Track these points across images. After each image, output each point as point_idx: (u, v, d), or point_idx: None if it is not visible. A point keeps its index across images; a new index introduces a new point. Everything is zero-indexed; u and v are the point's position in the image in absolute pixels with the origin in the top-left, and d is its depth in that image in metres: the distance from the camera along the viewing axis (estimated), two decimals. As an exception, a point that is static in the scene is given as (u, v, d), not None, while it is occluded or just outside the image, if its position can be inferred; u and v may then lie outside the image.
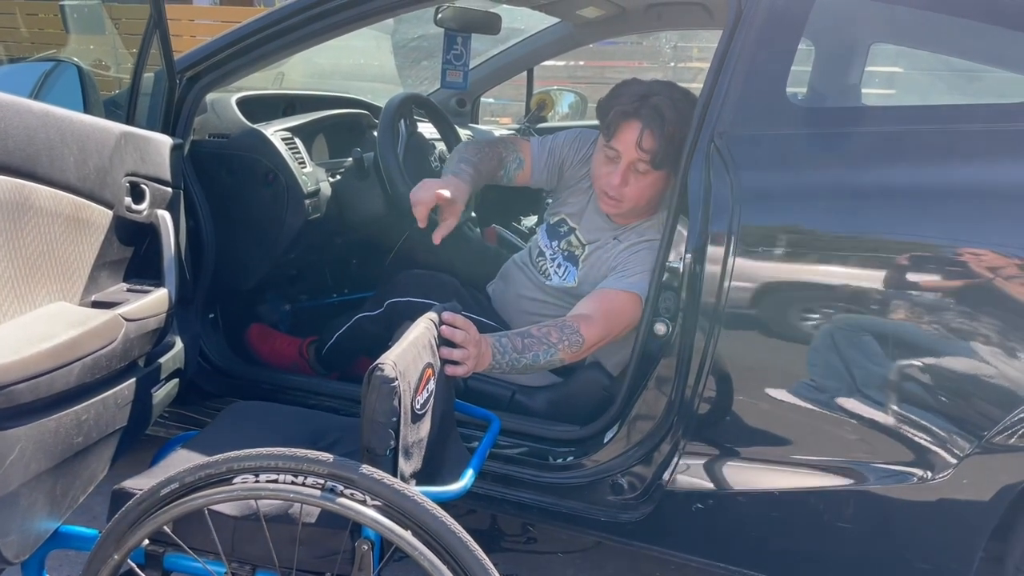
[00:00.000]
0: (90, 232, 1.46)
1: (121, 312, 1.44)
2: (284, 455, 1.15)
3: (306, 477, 1.15)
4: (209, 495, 1.16)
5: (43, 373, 1.22)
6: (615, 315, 1.74)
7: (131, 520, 1.19)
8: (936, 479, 1.48)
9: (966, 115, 1.54)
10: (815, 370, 1.53)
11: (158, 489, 1.17)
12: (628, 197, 1.82)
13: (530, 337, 1.67)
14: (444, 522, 1.14)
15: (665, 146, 1.75)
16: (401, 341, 1.31)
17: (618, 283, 1.78)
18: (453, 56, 2.84)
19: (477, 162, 1.99)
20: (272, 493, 1.15)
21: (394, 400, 1.19)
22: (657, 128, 1.74)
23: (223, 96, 2.27)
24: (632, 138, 1.76)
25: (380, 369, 1.19)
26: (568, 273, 1.95)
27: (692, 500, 1.67)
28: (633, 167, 1.79)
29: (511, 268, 2.12)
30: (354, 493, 1.14)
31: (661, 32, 6.49)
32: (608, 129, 1.81)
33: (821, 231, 1.52)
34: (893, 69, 3.08)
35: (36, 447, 1.22)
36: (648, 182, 1.81)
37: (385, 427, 1.19)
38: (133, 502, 1.19)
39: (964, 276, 1.42)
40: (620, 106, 1.79)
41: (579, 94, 3.77)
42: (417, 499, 1.14)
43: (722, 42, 1.61)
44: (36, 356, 1.20)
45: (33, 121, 1.28)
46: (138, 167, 1.60)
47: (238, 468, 1.16)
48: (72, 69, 1.83)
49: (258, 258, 2.17)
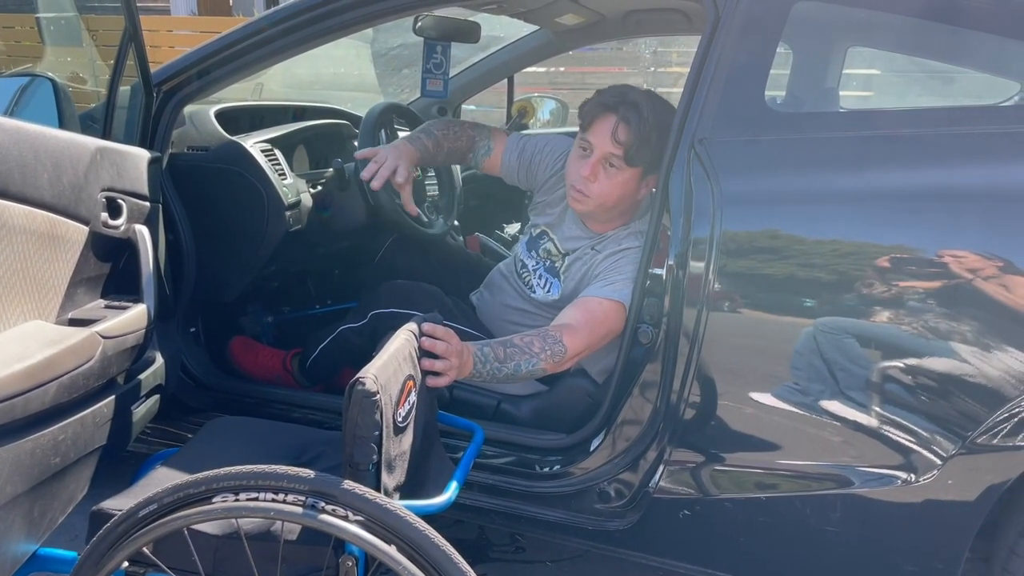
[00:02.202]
0: (65, 249, 1.44)
1: (98, 329, 1.42)
2: (263, 472, 1.14)
3: (287, 494, 1.14)
4: (188, 515, 1.14)
5: (18, 394, 1.20)
6: (598, 324, 1.74)
7: (111, 542, 1.17)
8: (921, 481, 1.48)
9: (943, 118, 1.55)
10: (799, 374, 1.53)
11: (136, 510, 1.16)
12: (594, 193, 1.81)
13: (512, 347, 1.66)
14: (428, 536, 1.13)
15: (639, 143, 1.76)
16: (381, 354, 1.30)
17: (600, 291, 1.78)
18: (433, 65, 2.83)
19: (440, 137, 2.06)
20: (252, 511, 1.14)
21: (376, 414, 1.18)
22: (633, 122, 1.75)
23: (202, 108, 2.25)
24: (607, 129, 1.77)
25: (361, 383, 1.18)
26: (551, 286, 1.95)
27: (679, 507, 1.67)
28: (605, 161, 1.79)
29: (496, 277, 2.12)
30: (336, 509, 1.13)
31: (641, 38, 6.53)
32: (585, 121, 1.83)
33: (802, 236, 1.52)
34: (870, 71, 3.11)
35: (12, 469, 1.20)
36: (617, 181, 1.80)
37: (367, 441, 1.18)
38: (112, 523, 1.17)
39: (944, 278, 1.43)
40: (600, 99, 1.81)
41: (560, 101, 3.78)
42: (400, 513, 1.13)
43: (700, 48, 1.62)
44: (10, 377, 1.18)
45: (4, 138, 1.26)
46: (115, 182, 1.58)
47: (217, 487, 1.14)
48: (47, 84, 1.80)
49: (239, 270, 2.16)
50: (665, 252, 1.60)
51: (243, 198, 2.09)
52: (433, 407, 1.56)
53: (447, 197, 2.64)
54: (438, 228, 2.45)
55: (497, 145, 2.09)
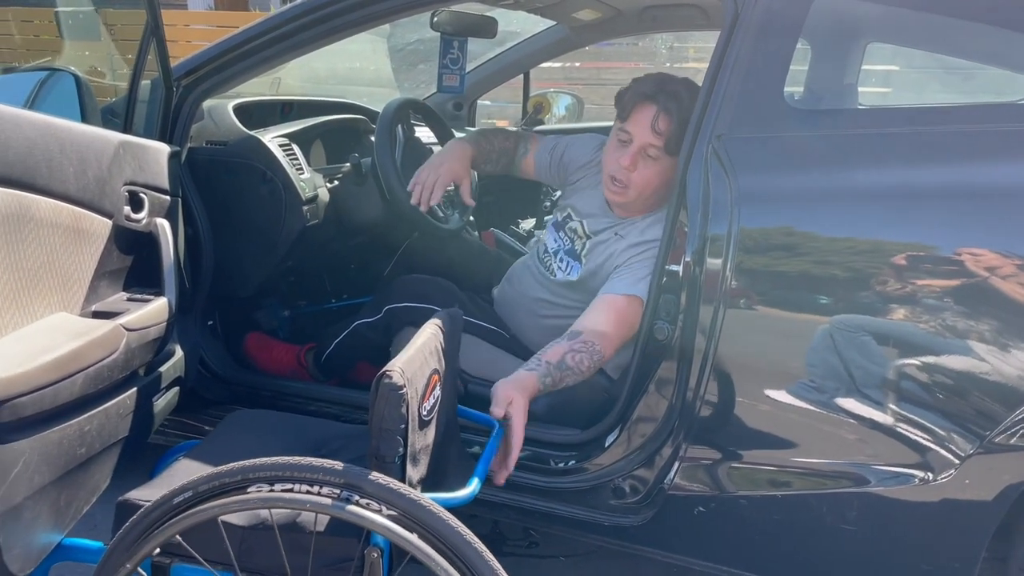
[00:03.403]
0: (90, 242, 1.45)
1: (122, 322, 1.44)
2: (300, 464, 1.15)
3: (322, 486, 1.14)
4: (224, 504, 1.15)
5: (47, 385, 1.22)
6: (626, 325, 1.74)
7: (143, 528, 1.18)
8: (938, 480, 1.48)
9: (963, 115, 1.54)
10: (816, 372, 1.53)
11: (171, 497, 1.17)
12: (635, 183, 1.81)
13: (567, 369, 1.65)
14: (459, 532, 1.14)
15: (679, 132, 1.75)
16: (408, 347, 1.30)
17: (621, 287, 1.77)
18: (449, 60, 2.84)
19: (488, 134, 2.15)
20: (287, 503, 1.15)
21: (402, 407, 1.18)
22: (674, 111, 1.76)
23: (220, 103, 2.27)
24: (647, 119, 1.77)
25: (388, 376, 1.18)
26: (571, 268, 1.95)
27: (694, 503, 1.67)
28: (644, 151, 1.79)
29: (518, 269, 2.13)
30: (370, 503, 1.14)
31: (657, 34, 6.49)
32: (623, 111, 1.83)
33: (820, 233, 1.52)
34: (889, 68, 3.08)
35: (40, 459, 1.22)
36: (657, 169, 1.81)
37: (394, 434, 1.19)
38: (147, 509, 1.18)
39: (963, 276, 1.42)
40: (639, 88, 1.81)
41: (576, 96, 3.77)
42: (434, 509, 1.14)
43: (719, 44, 1.61)
44: (39, 368, 1.20)
45: (32, 132, 1.28)
46: (136, 176, 1.60)
47: (253, 477, 1.15)
48: (69, 78, 1.82)
49: (256, 265, 2.17)
50: (682, 249, 1.60)
51: (261, 192, 2.10)
52: (453, 402, 1.57)
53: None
54: (454, 224, 2.45)
55: (532, 147, 2.16)
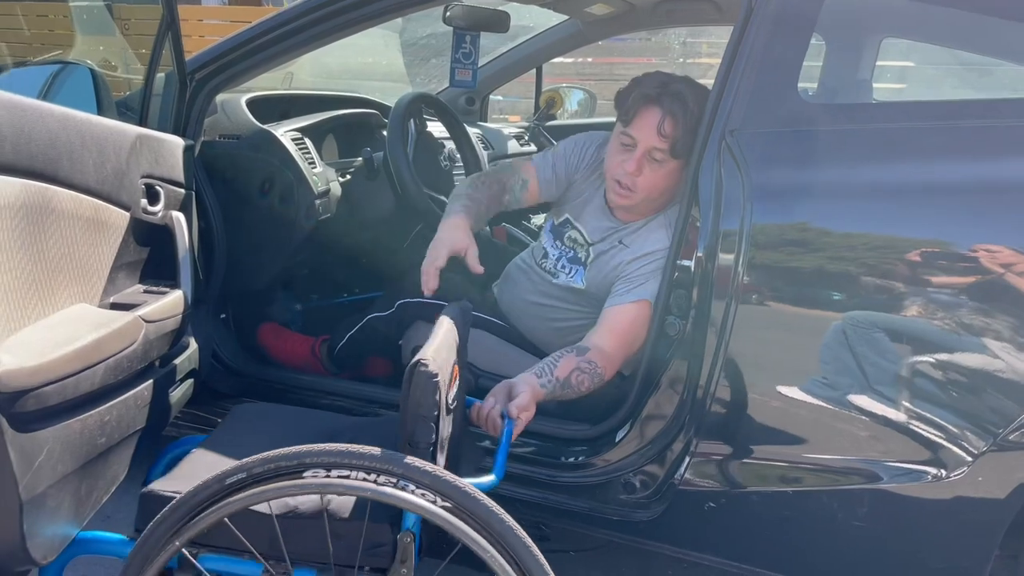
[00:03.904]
0: (109, 234, 1.47)
1: (141, 313, 1.45)
2: (361, 453, 1.17)
3: (379, 475, 1.16)
4: (279, 487, 1.16)
5: (69, 375, 1.23)
6: (633, 333, 1.74)
7: (189, 509, 1.18)
8: (951, 477, 1.47)
9: (979, 111, 1.53)
10: (828, 368, 1.52)
11: (224, 477, 1.17)
12: (641, 187, 1.79)
13: (569, 387, 1.68)
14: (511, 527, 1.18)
15: (684, 135, 1.72)
16: (432, 338, 1.32)
17: (627, 296, 1.77)
18: (462, 54, 2.84)
19: (472, 192, 1.97)
20: (345, 489, 1.16)
21: (436, 394, 1.20)
22: (680, 115, 1.72)
23: (233, 97, 2.28)
24: (652, 123, 1.74)
25: (423, 364, 1.20)
26: (575, 273, 1.93)
27: (704, 499, 1.67)
28: (649, 155, 1.76)
29: (513, 271, 2.10)
30: (425, 493, 1.16)
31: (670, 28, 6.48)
32: (627, 115, 1.78)
33: (833, 229, 1.51)
34: (904, 63, 3.07)
35: (63, 449, 1.23)
36: (663, 173, 1.78)
37: (428, 421, 1.21)
38: (194, 490, 1.18)
39: (978, 273, 1.42)
40: (641, 90, 1.76)
41: (588, 91, 3.77)
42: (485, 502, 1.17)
43: (733, 39, 1.61)
44: (62, 359, 1.21)
45: (54, 125, 1.29)
46: (153, 169, 1.61)
47: (310, 462, 1.16)
48: (84, 71, 1.83)
49: (269, 258, 2.18)
50: (694, 244, 1.60)
51: (273, 186, 2.11)
52: (463, 394, 1.58)
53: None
54: (465, 218, 2.45)
55: (528, 174, 2.01)
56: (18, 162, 1.19)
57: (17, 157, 1.19)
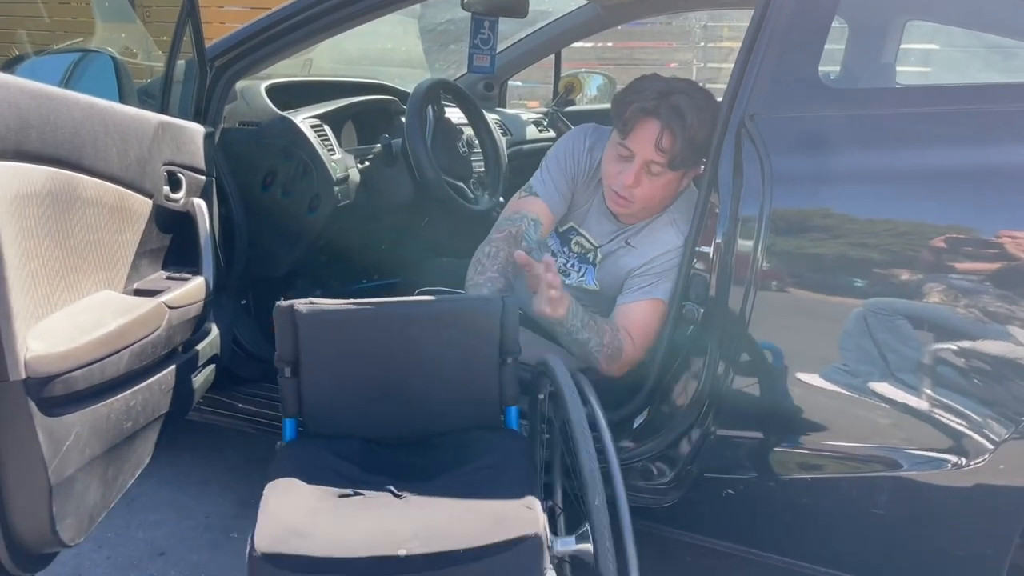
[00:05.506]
0: (132, 221, 1.48)
1: (164, 300, 1.47)
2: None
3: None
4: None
5: (96, 361, 1.25)
6: (650, 331, 1.77)
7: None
8: (972, 465, 1.46)
9: (1004, 95, 1.51)
10: (848, 355, 1.51)
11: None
12: (639, 197, 1.78)
13: (594, 320, 1.72)
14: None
15: (684, 148, 1.70)
16: None
17: (640, 294, 1.78)
18: (480, 40, 2.82)
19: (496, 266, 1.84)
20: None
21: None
22: (678, 129, 1.69)
23: (252, 84, 2.29)
24: (650, 137, 1.71)
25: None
26: (586, 272, 1.93)
27: (723, 486, 1.67)
28: (647, 168, 1.74)
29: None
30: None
31: (691, 12, 6.41)
32: (624, 126, 1.75)
33: (854, 214, 1.50)
34: (929, 46, 3.02)
35: (90, 433, 1.26)
36: (661, 183, 1.77)
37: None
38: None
39: (1001, 259, 1.40)
40: (639, 102, 1.72)
41: (607, 76, 3.74)
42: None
43: (753, 21, 1.59)
44: (89, 344, 1.23)
45: (79, 113, 1.30)
46: (175, 156, 1.63)
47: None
48: (106, 59, 1.84)
49: (289, 245, 2.19)
50: (712, 230, 1.59)
51: (293, 173, 2.12)
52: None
53: (493, 173, 2.64)
54: (483, 204, 2.45)
55: (536, 209, 1.89)
56: (44, 150, 1.21)
57: (43, 145, 1.20)
